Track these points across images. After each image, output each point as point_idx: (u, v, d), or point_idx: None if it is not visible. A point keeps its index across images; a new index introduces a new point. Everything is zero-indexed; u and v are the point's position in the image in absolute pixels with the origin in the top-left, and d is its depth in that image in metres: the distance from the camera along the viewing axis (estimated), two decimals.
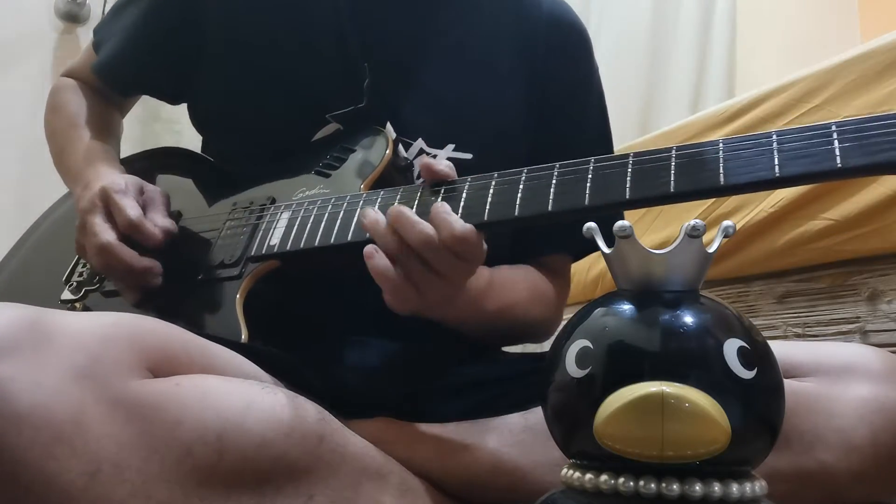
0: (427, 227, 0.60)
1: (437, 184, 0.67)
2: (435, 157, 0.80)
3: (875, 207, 0.97)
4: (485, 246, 0.63)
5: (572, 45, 0.90)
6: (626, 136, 1.92)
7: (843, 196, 1.01)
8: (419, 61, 0.84)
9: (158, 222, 0.75)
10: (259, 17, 0.83)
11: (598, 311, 0.46)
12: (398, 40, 0.84)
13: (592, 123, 0.91)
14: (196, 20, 0.85)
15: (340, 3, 0.82)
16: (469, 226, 0.60)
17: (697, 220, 0.43)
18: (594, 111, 0.92)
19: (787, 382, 0.45)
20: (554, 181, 0.61)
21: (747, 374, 0.41)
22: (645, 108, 2.45)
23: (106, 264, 0.73)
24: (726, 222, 0.45)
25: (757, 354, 0.43)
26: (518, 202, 0.62)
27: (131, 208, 0.74)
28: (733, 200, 1.16)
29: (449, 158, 0.77)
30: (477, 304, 0.73)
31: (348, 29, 0.82)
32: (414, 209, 0.64)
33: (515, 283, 0.81)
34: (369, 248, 0.62)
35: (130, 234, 0.73)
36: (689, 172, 0.56)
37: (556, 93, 0.88)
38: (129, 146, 0.97)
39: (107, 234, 0.73)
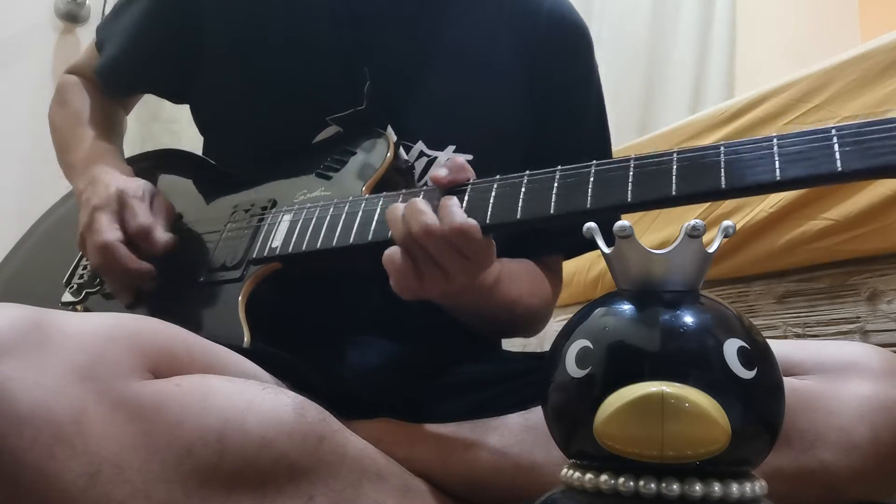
0: (430, 216, 0.61)
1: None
2: (435, 158, 0.80)
3: (875, 207, 0.97)
4: (493, 251, 0.63)
5: (572, 42, 0.90)
6: (626, 136, 1.92)
7: (843, 196, 1.01)
8: (419, 63, 0.84)
9: (161, 236, 0.76)
10: (257, 20, 0.83)
11: (598, 311, 0.46)
12: (397, 42, 0.84)
13: (592, 122, 0.91)
14: (195, 23, 0.85)
15: (339, 5, 0.82)
16: (472, 221, 0.60)
17: (697, 220, 0.43)
18: (594, 110, 0.92)
19: (787, 381, 0.45)
20: (556, 184, 0.61)
21: (747, 374, 0.42)
22: (644, 108, 2.44)
23: (104, 262, 0.73)
24: (726, 222, 0.45)
25: (757, 354, 0.43)
26: (520, 205, 0.62)
27: (144, 216, 0.75)
28: (733, 201, 1.16)
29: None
30: (486, 298, 0.73)
31: (347, 32, 0.82)
32: None
33: (520, 276, 0.81)
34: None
35: (138, 238, 0.74)
36: (691, 176, 0.56)
37: (556, 91, 0.88)
38: (128, 145, 0.97)
39: (111, 233, 0.73)
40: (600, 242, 0.47)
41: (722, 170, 0.55)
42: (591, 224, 0.47)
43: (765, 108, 1.16)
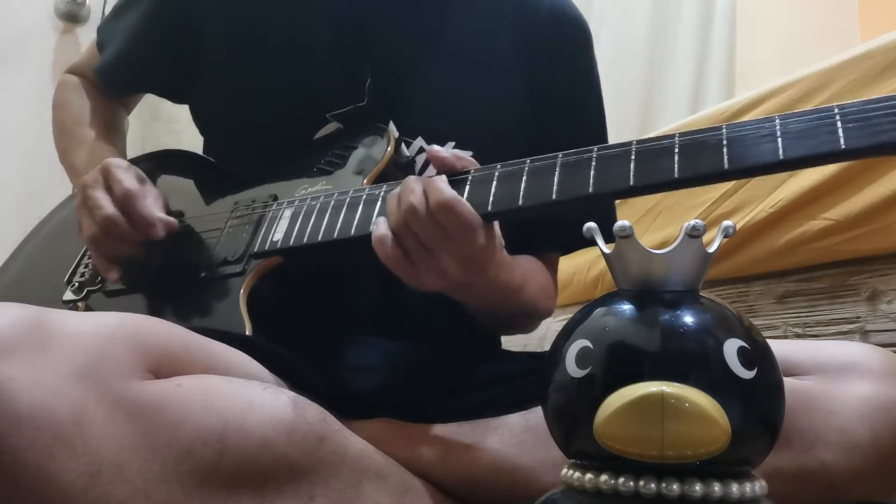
0: (416, 196, 0.60)
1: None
2: None
3: (875, 207, 0.97)
4: (494, 242, 0.63)
5: (572, 40, 0.91)
6: (626, 136, 1.91)
7: (843, 196, 1.01)
8: (419, 60, 0.84)
9: (156, 211, 0.76)
10: (257, 21, 0.84)
11: (598, 311, 0.46)
12: (397, 40, 0.84)
13: (592, 119, 0.92)
14: (195, 24, 0.85)
15: (338, 5, 0.82)
16: (460, 197, 0.60)
17: (697, 220, 0.43)
18: (594, 108, 0.92)
19: (787, 381, 0.45)
20: (557, 170, 0.61)
21: (747, 374, 0.42)
22: (645, 107, 2.45)
23: (106, 233, 0.74)
24: (726, 222, 0.45)
25: (757, 354, 0.43)
26: (522, 192, 0.62)
27: (129, 182, 0.75)
28: (733, 200, 1.16)
29: None
30: (504, 296, 0.73)
31: (347, 31, 0.82)
32: None
33: (533, 273, 0.82)
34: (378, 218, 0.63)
35: (126, 204, 0.74)
36: (693, 157, 0.56)
37: (556, 89, 0.88)
38: (129, 145, 0.98)
39: (109, 207, 0.74)
40: (600, 242, 0.47)
41: (724, 150, 0.55)
42: (592, 224, 0.47)
43: (765, 108, 1.16)
